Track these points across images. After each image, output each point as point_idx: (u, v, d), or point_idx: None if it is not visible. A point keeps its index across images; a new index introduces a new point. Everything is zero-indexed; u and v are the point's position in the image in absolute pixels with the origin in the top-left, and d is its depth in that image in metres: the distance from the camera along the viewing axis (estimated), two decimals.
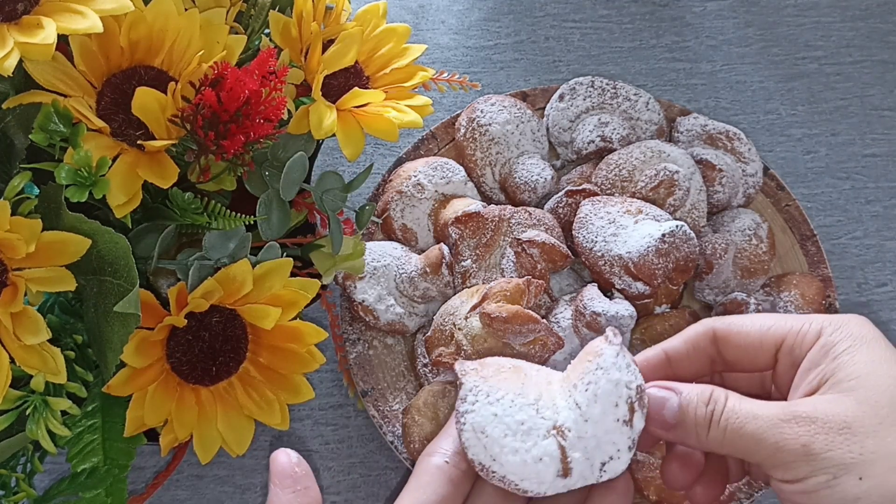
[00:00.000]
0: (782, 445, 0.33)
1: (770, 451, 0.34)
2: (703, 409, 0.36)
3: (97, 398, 0.45)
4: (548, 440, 0.35)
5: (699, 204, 0.66)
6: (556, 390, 0.37)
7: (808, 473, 0.33)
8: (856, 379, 0.34)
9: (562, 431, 0.36)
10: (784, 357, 0.38)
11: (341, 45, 0.48)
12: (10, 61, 0.35)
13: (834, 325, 0.37)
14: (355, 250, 0.51)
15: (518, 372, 0.39)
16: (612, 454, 0.36)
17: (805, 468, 0.33)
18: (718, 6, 0.84)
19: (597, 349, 0.38)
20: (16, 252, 0.36)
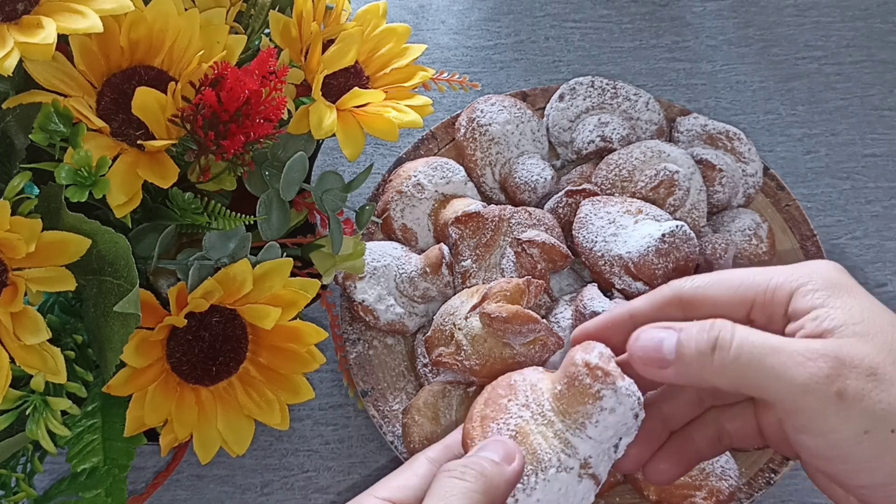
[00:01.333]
0: (813, 389, 0.30)
1: (795, 392, 0.30)
2: (705, 336, 0.33)
3: (97, 398, 0.45)
4: (582, 483, 0.36)
5: (699, 204, 0.66)
6: (558, 426, 0.37)
7: (836, 425, 0.30)
8: (861, 323, 0.32)
9: (587, 464, 0.36)
10: (759, 317, 0.36)
11: (341, 45, 0.48)
12: (10, 61, 0.35)
13: (806, 275, 0.34)
14: (355, 250, 0.51)
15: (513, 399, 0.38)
16: (625, 439, 0.38)
17: (833, 419, 0.30)
18: (718, 6, 0.84)
19: (593, 391, 0.36)
20: (16, 252, 0.36)
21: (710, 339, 0.33)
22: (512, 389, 0.38)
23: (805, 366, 0.31)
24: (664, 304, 0.38)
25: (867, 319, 0.32)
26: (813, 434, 0.31)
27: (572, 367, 0.37)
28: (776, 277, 0.35)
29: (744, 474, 0.59)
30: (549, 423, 0.37)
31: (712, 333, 0.33)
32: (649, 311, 0.39)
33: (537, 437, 0.37)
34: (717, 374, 0.33)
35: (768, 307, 0.35)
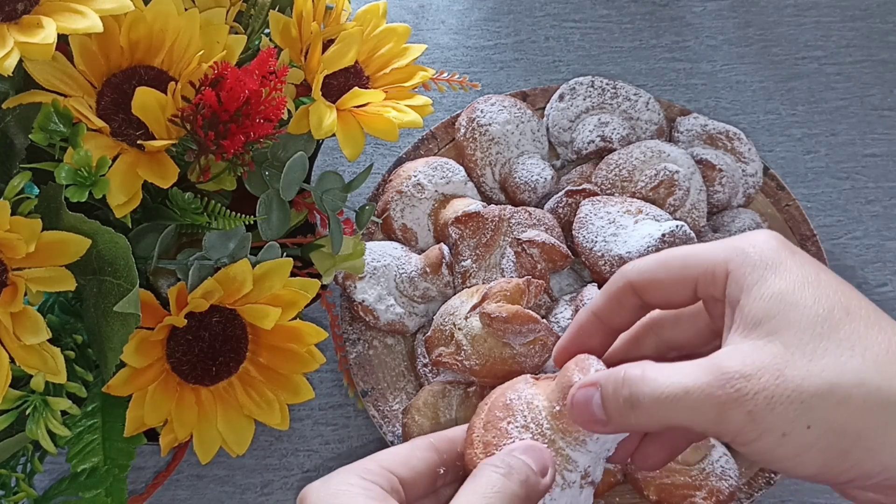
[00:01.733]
0: (726, 417, 0.31)
1: (712, 422, 0.31)
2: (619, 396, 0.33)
3: (97, 398, 0.45)
4: (583, 492, 0.37)
5: (699, 204, 0.66)
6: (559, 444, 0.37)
7: (756, 436, 0.31)
8: (775, 318, 0.32)
9: (587, 474, 0.37)
10: (704, 296, 0.36)
11: (341, 44, 0.48)
12: (10, 61, 0.35)
13: (739, 253, 0.34)
14: (355, 250, 0.51)
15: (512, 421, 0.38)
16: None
17: (752, 432, 0.31)
18: (718, 6, 0.84)
19: None
20: (16, 252, 0.36)
21: (627, 397, 0.33)
22: (509, 410, 0.38)
23: (715, 396, 0.31)
24: (619, 294, 0.38)
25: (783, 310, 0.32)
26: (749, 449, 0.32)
27: (570, 388, 0.36)
28: (714, 255, 0.35)
29: (744, 474, 0.59)
30: (551, 441, 0.37)
31: (624, 392, 0.33)
32: (608, 305, 0.38)
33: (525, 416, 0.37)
34: (644, 426, 0.34)
35: (710, 287, 0.35)
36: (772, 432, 0.31)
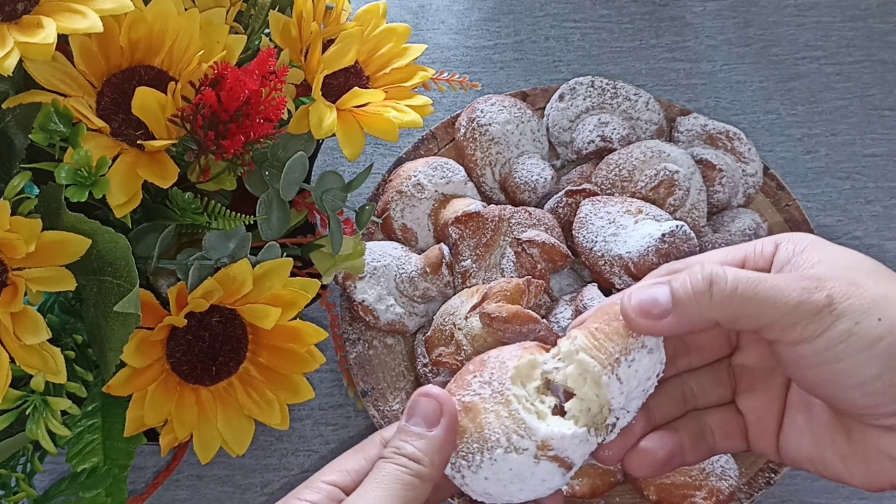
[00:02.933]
0: (805, 299, 0.34)
1: (790, 307, 0.34)
2: (698, 277, 0.36)
3: (97, 398, 0.45)
4: (541, 465, 0.36)
5: (699, 204, 0.66)
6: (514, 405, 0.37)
7: (829, 324, 0.33)
8: (834, 257, 0.36)
9: (547, 446, 0.36)
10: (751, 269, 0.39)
11: (341, 44, 0.48)
12: (10, 61, 0.35)
13: (787, 235, 0.39)
14: (355, 250, 0.51)
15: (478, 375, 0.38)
16: (624, 418, 0.38)
17: (828, 319, 0.33)
18: (718, 6, 0.84)
19: None
20: (16, 252, 0.36)
21: (706, 277, 0.35)
22: (482, 365, 0.38)
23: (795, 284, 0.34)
24: (662, 273, 0.40)
25: (841, 254, 0.36)
26: (808, 342, 0.34)
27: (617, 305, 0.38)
28: (759, 243, 0.39)
29: (744, 474, 0.59)
30: (506, 401, 0.36)
31: (706, 271, 0.36)
32: None
33: (489, 416, 0.36)
34: (716, 308, 0.35)
35: (759, 260, 0.39)
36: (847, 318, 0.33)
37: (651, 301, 0.36)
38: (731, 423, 0.41)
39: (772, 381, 0.41)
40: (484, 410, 0.36)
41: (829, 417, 0.37)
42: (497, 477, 0.36)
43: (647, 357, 0.37)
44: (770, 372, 0.41)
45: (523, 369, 0.38)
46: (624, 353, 0.36)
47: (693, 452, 0.41)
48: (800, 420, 0.39)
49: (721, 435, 0.41)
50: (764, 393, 0.41)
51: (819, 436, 0.38)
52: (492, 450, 0.36)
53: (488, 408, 0.37)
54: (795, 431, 0.39)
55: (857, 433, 0.36)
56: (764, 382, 0.41)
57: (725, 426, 0.41)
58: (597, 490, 0.58)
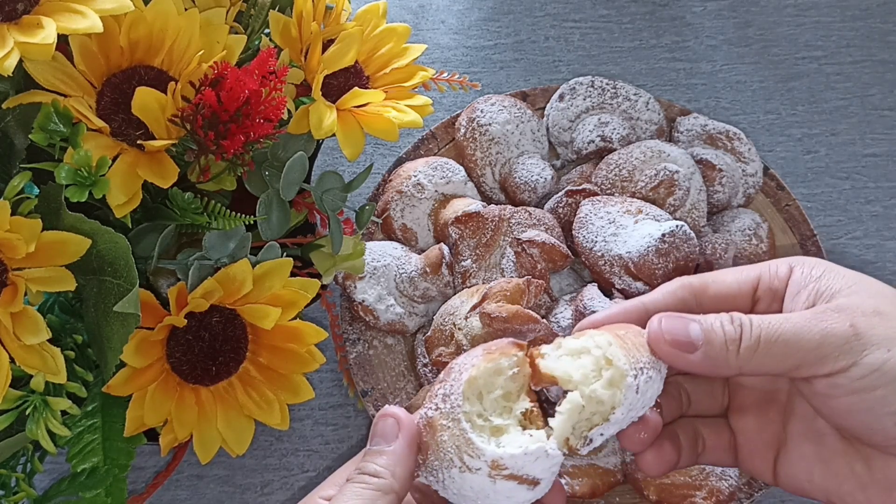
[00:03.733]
0: (828, 332, 0.33)
1: (814, 344, 0.34)
2: (730, 325, 0.36)
3: (97, 398, 0.45)
4: (498, 484, 0.35)
5: (699, 204, 0.66)
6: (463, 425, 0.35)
7: (859, 355, 0.33)
8: (853, 285, 0.36)
9: (499, 466, 0.34)
10: (764, 293, 0.39)
11: (341, 44, 0.48)
12: (10, 61, 0.35)
13: (801, 259, 0.39)
14: (355, 250, 0.51)
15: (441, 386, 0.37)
16: (608, 432, 0.37)
17: (857, 349, 0.33)
18: (718, 6, 0.84)
19: None
20: (16, 252, 0.36)
21: (737, 328, 0.35)
22: (448, 374, 0.37)
23: (817, 320, 0.34)
24: (675, 290, 0.40)
25: (857, 282, 0.36)
26: (843, 376, 0.34)
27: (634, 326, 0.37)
28: (774, 264, 0.39)
29: (744, 474, 0.59)
30: (456, 421, 0.35)
31: (736, 323, 0.36)
32: (662, 299, 0.40)
33: (444, 434, 0.35)
34: (744, 360, 0.35)
35: (774, 280, 0.38)
36: (878, 347, 0.33)
37: (682, 332, 0.36)
38: (722, 438, 0.41)
39: (768, 406, 0.40)
40: (441, 427, 0.35)
41: (844, 447, 0.37)
42: (462, 493, 0.35)
43: (658, 381, 0.37)
44: (767, 396, 0.41)
45: (479, 380, 0.36)
46: (647, 366, 0.36)
47: (685, 458, 0.41)
48: (807, 450, 0.39)
49: (710, 447, 0.41)
50: (758, 416, 0.41)
51: (834, 466, 0.37)
52: (448, 469, 0.35)
53: (444, 424, 0.35)
54: (803, 462, 0.39)
55: (878, 462, 0.36)
56: (759, 406, 0.41)
57: (715, 439, 0.41)
58: (597, 490, 0.58)
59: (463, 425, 0.35)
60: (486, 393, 0.36)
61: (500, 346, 0.38)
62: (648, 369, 0.36)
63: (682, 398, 0.42)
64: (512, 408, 0.36)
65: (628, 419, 0.37)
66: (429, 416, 0.36)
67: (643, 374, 0.36)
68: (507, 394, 0.37)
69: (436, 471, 0.36)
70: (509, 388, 0.37)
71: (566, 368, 0.36)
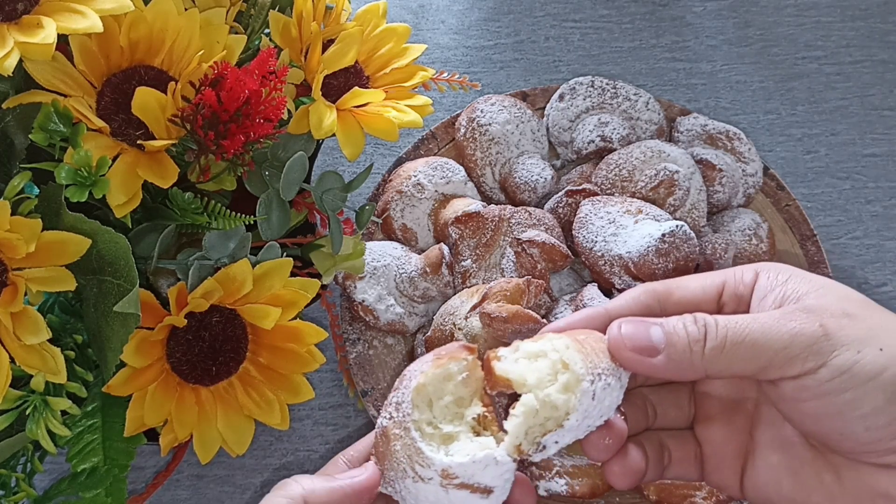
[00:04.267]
0: (797, 332, 0.33)
1: (782, 344, 0.33)
2: (693, 326, 0.35)
3: (97, 398, 0.45)
4: (450, 493, 0.34)
5: (699, 204, 0.66)
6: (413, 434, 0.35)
7: (828, 356, 0.32)
8: (820, 289, 0.35)
9: (450, 475, 0.34)
10: (729, 299, 0.38)
11: (341, 44, 0.48)
12: (10, 61, 0.35)
13: (767, 265, 0.38)
14: (355, 250, 0.51)
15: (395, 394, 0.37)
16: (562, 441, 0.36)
17: (826, 350, 0.32)
18: (718, 6, 0.84)
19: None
20: (16, 252, 0.36)
21: (700, 329, 0.35)
22: (401, 381, 0.37)
23: (785, 319, 0.34)
24: (639, 296, 0.39)
25: (826, 286, 0.35)
26: (811, 374, 0.33)
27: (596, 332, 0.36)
28: (740, 269, 0.38)
29: None
30: (406, 430, 0.35)
31: (700, 323, 0.35)
32: (625, 304, 0.39)
33: (397, 444, 0.35)
34: (709, 361, 0.35)
35: (738, 287, 0.38)
36: (848, 348, 0.32)
37: (643, 335, 0.35)
38: (687, 450, 0.40)
39: (735, 415, 0.39)
40: (394, 437, 0.35)
41: (812, 457, 0.36)
42: (419, 502, 0.35)
43: (617, 389, 0.36)
44: (734, 405, 0.40)
45: (428, 387, 0.36)
46: (605, 373, 0.35)
47: (651, 471, 0.39)
48: (774, 460, 0.37)
49: (676, 459, 0.40)
50: (724, 426, 0.40)
51: (802, 476, 0.36)
52: (403, 479, 0.35)
53: (397, 433, 0.35)
54: (770, 472, 0.38)
55: (848, 472, 0.35)
56: (725, 415, 0.40)
57: (681, 451, 0.40)
58: (597, 490, 0.58)
59: (413, 434, 0.34)
60: (435, 400, 0.36)
61: (450, 350, 0.37)
62: (607, 376, 0.35)
63: (647, 409, 0.41)
64: (464, 414, 0.36)
65: (584, 427, 0.36)
66: (383, 425, 0.36)
67: (600, 381, 0.34)
68: (459, 399, 0.36)
69: (393, 481, 0.35)
70: (461, 393, 0.36)
71: (521, 371, 0.35)
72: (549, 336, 0.36)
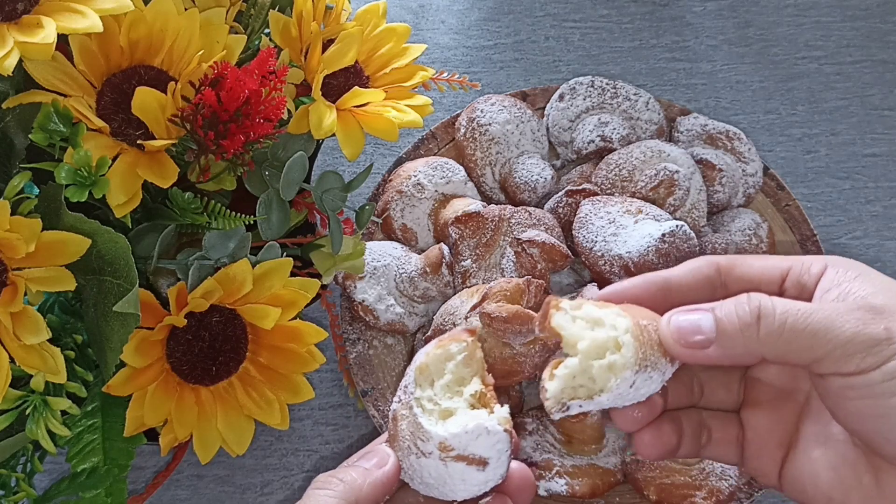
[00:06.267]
0: (861, 330, 0.32)
1: (844, 339, 0.32)
2: (746, 308, 0.34)
3: (97, 398, 0.45)
4: (450, 466, 0.35)
5: (699, 204, 0.66)
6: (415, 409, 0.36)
7: (885, 360, 0.32)
8: (889, 290, 0.34)
9: (447, 447, 0.35)
10: (791, 285, 0.38)
11: (341, 44, 0.48)
12: (10, 61, 0.35)
13: (837, 259, 0.37)
14: (355, 250, 0.51)
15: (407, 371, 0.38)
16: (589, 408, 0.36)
17: (886, 354, 0.32)
18: (718, 6, 0.84)
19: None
20: (16, 252, 0.36)
21: (753, 310, 0.34)
22: (409, 368, 0.38)
23: (850, 314, 0.33)
24: (701, 267, 0.38)
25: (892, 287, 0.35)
26: (864, 377, 0.32)
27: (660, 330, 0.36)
28: (808, 259, 0.38)
29: (743, 474, 0.59)
30: (409, 408, 0.36)
31: (753, 304, 0.34)
32: (684, 274, 0.39)
33: (403, 423, 0.36)
34: (764, 344, 0.34)
35: (804, 276, 0.37)
36: None
37: (693, 328, 0.35)
38: (729, 433, 0.40)
39: (784, 404, 0.39)
40: (401, 417, 0.36)
41: (855, 456, 0.36)
42: (425, 481, 0.36)
43: (658, 382, 0.36)
44: (785, 394, 0.39)
45: (430, 366, 0.37)
46: (651, 366, 0.35)
47: (686, 448, 0.40)
48: (816, 454, 0.37)
49: (716, 440, 0.40)
50: (771, 413, 0.39)
51: (841, 474, 0.36)
52: (408, 456, 0.36)
53: (403, 414, 0.36)
54: (811, 465, 0.37)
55: (887, 476, 0.35)
56: (774, 403, 0.39)
57: (722, 433, 0.40)
58: (597, 490, 0.58)
59: (415, 411, 0.36)
60: (437, 379, 0.37)
61: (452, 334, 0.38)
62: (653, 370, 0.35)
63: (693, 387, 0.41)
64: (463, 391, 0.37)
65: (612, 405, 0.36)
66: (393, 408, 0.37)
67: (645, 373, 0.35)
68: (459, 378, 0.37)
69: (402, 461, 0.37)
70: (461, 373, 0.37)
71: (576, 333, 0.36)
72: (614, 309, 0.36)
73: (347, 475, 0.36)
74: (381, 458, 0.37)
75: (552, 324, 0.36)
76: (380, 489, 0.36)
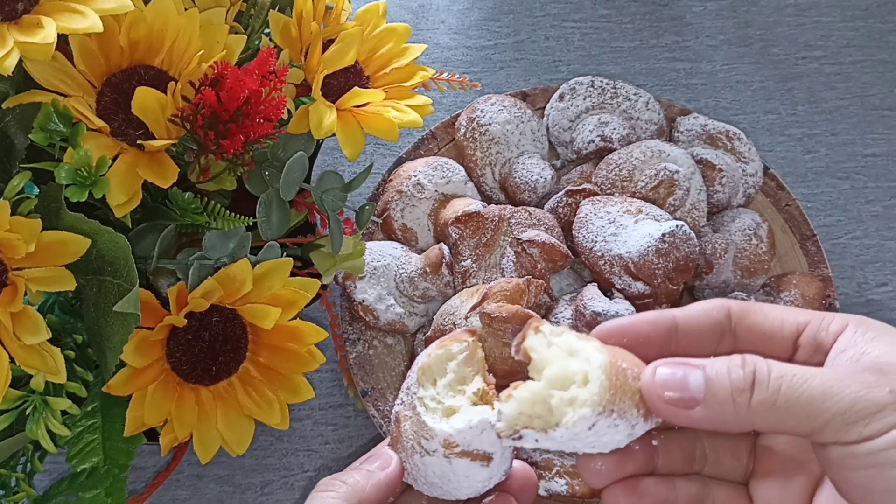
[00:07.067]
0: (863, 396, 0.29)
1: (843, 407, 0.29)
2: (740, 372, 0.31)
3: (97, 398, 0.45)
4: (454, 463, 0.35)
5: (699, 204, 0.66)
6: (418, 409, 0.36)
7: (889, 426, 0.29)
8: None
9: (451, 444, 0.34)
10: (807, 342, 0.35)
11: (341, 44, 0.48)
12: (10, 61, 0.35)
13: (860, 318, 0.34)
14: (355, 250, 0.51)
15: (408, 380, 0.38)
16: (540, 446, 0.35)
17: (891, 418, 0.29)
18: (718, 6, 0.84)
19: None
20: (16, 252, 0.36)
21: (748, 375, 0.31)
22: (411, 370, 0.38)
23: (851, 379, 0.30)
24: (712, 310, 0.36)
25: None
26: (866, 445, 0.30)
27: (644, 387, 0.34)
28: (829, 316, 0.35)
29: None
30: (412, 408, 0.36)
31: (748, 367, 0.31)
32: (694, 316, 0.36)
33: (406, 424, 0.36)
34: (756, 414, 0.31)
35: (821, 333, 0.34)
36: None
37: (679, 384, 0.32)
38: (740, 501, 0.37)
39: (796, 474, 0.36)
40: (404, 418, 0.36)
41: None
42: (429, 480, 0.36)
43: (623, 435, 0.33)
44: (797, 465, 0.36)
45: (432, 366, 0.36)
46: (619, 414, 0.32)
47: None
48: None
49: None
50: (782, 486, 0.36)
51: None
52: (412, 456, 0.36)
53: (406, 414, 0.36)
54: None
55: None
56: (786, 474, 0.36)
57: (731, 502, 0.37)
58: (597, 490, 0.58)
59: (418, 410, 0.36)
60: (439, 378, 0.37)
61: (453, 334, 0.38)
62: (619, 418, 0.32)
63: (695, 452, 0.37)
64: (465, 389, 0.37)
65: (570, 446, 0.34)
66: (395, 411, 0.37)
67: (609, 418, 0.32)
68: (461, 377, 0.37)
69: (405, 462, 0.37)
70: (463, 372, 0.37)
71: (546, 359, 0.34)
72: (595, 343, 0.34)
73: (350, 477, 0.36)
74: (383, 461, 0.37)
75: (524, 344, 0.35)
76: (383, 491, 0.36)
